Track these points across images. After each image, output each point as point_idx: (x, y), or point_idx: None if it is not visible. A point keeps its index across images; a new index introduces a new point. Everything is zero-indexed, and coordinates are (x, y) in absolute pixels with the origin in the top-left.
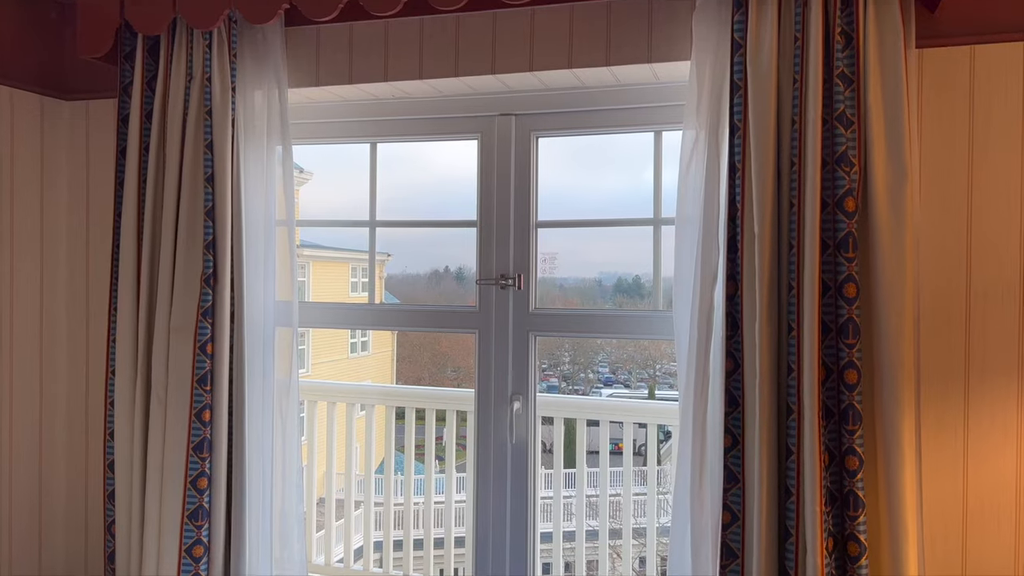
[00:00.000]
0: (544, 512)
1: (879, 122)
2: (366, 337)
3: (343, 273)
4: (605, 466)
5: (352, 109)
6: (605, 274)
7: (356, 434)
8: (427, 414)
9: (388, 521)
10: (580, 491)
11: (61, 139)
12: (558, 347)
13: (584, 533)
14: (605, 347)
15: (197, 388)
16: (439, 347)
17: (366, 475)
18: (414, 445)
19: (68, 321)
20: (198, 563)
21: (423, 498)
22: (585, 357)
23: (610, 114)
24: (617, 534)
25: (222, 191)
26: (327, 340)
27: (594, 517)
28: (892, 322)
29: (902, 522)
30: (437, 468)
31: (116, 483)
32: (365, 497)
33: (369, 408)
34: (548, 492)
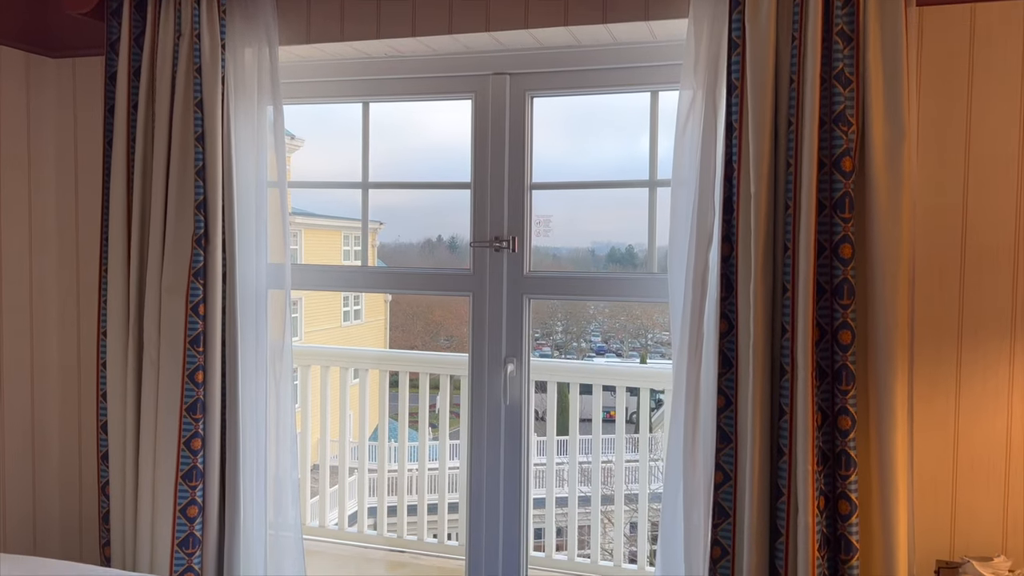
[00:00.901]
0: (538, 478)
1: (878, 81)
2: (359, 306)
3: (335, 241)
4: (598, 433)
5: (344, 68)
6: (598, 244)
7: (350, 401)
8: (421, 379)
9: (382, 487)
10: (572, 458)
11: (48, 97)
12: (550, 317)
13: (576, 499)
14: (597, 316)
15: (190, 349)
16: (432, 316)
17: (360, 442)
18: (407, 412)
19: (58, 282)
20: (192, 523)
21: (417, 465)
22: (578, 326)
23: (606, 74)
24: (609, 500)
25: (212, 150)
26: (319, 308)
27: (586, 483)
28: (887, 283)
29: (893, 482)
30: (431, 435)
31: (109, 444)
32: (359, 464)
33: (363, 373)
34: (541, 459)
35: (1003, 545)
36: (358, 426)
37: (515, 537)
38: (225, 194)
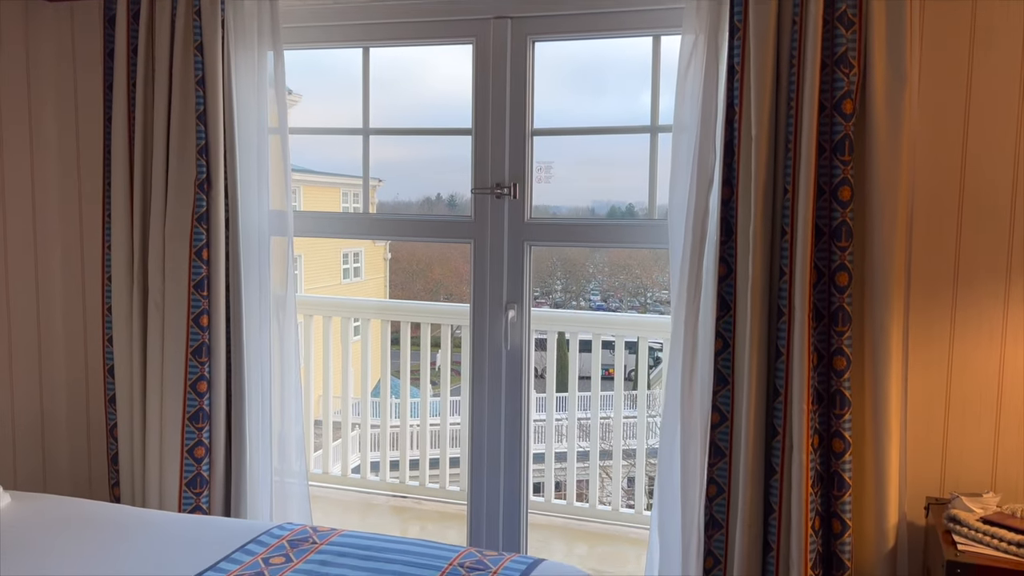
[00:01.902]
0: (537, 433)
1: (880, 24)
2: (359, 263)
3: (334, 197)
4: (596, 390)
5: (344, 12)
6: (598, 203)
7: (352, 358)
8: (422, 329)
9: (384, 442)
10: (572, 414)
11: (46, 42)
12: (550, 275)
13: (575, 454)
14: (597, 275)
15: (194, 293)
16: (431, 274)
17: (362, 398)
18: (409, 370)
19: (61, 229)
20: (200, 463)
21: (419, 420)
22: (577, 285)
23: (607, 17)
24: (608, 455)
25: (213, 95)
26: (320, 265)
27: (585, 439)
28: (885, 226)
29: (886, 420)
30: (432, 392)
31: (116, 387)
32: (361, 419)
33: (365, 323)
34: (541, 415)
35: (993, 483)
36: (359, 382)
37: (515, 479)
38: (227, 139)
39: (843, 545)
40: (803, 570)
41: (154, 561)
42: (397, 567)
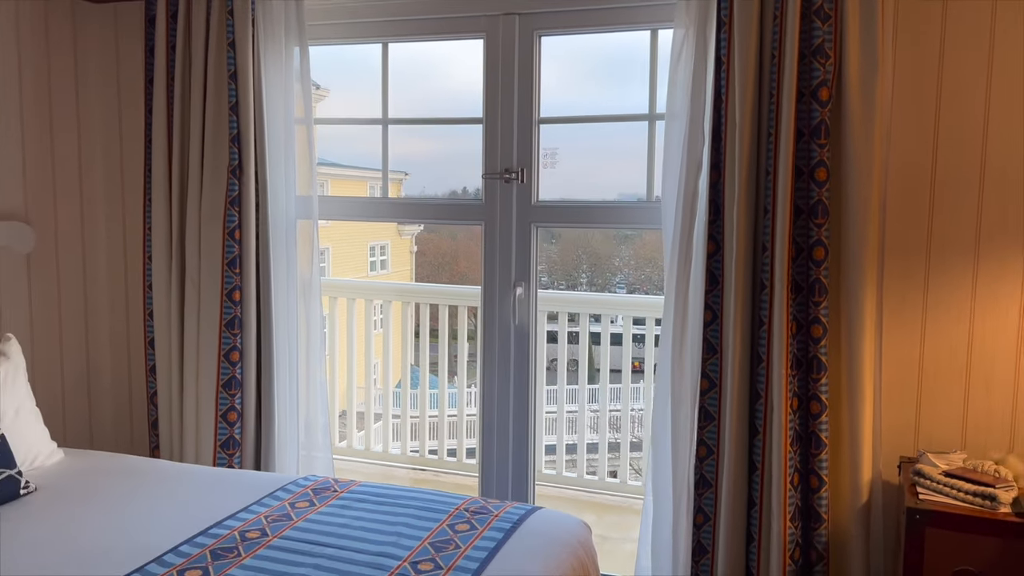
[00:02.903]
0: (549, 426)
1: (854, 17)
2: (385, 256)
3: (360, 190)
4: (605, 382)
5: (364, 10)
6: (606, 198)
7: (375, 348)
8: (440, 315)
9: (405, 429)
10: (581, 407)
11: (92, 41)
12: (575, 268)
13: (585, 445)
14: (623, 268)
15: (227, 271)
16: (457, 267)
17: (384, 389)
18: (428, 362)
19: (105, 211)
20: (232, 427)
21: (437, 411)
22: (603, 278)
23: (608, 12)
24: (615, 447)
25: (245, 88)
26: (346, 258)
27: (594, 431)
28: (860, 204)
29: (860, 384)
30: (450, 384)
31: (156, 358)
32: (383, 409)
33: (386, 304)
34: (552, 408)
35: (963, 443)
36: (383, 373)
37: (523, 440)
38: (257, 129)
39: (820, 499)
40: (783, 522)
41: (193, 504)
42: (409, 510)
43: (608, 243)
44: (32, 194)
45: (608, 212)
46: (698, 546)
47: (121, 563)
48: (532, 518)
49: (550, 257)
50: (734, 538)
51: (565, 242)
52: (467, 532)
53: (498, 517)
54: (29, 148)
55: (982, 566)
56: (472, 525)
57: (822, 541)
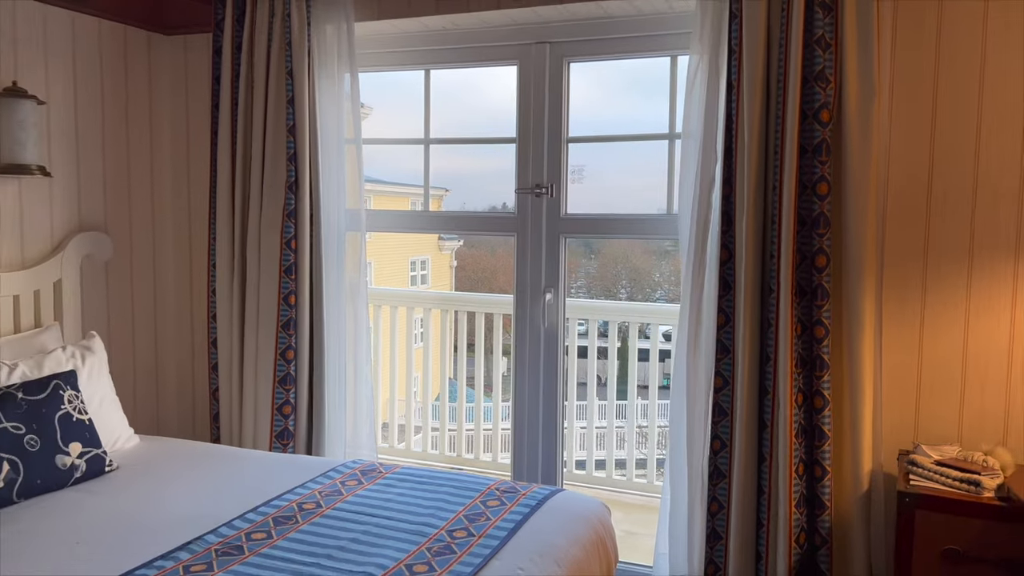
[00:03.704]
0: (579, 441)
1: (852, 45)
2: (425, 271)
3: (403, 206)
4: (633, 399)
5: (409, 40)
6: (626, 214)
7: (415, 362)
8: (477, 318)
9: (443, 444)
10: (610, 421)
11: (164, 68)
12: (614, 283)
13: (613, 461)
14: (663, 284)
15: (284, 277)
16: (495, 282)
17: (424, 402)
18: (465, 376)
19: (174, 224)
20: (287, 419)
21: (474, 425)
22: (643, 294)
23: (631, 41)
24: (643, 464)
25: (301, 112)
26: (388, 273)
27: (621, 447)
28: (858, 215)
29: (860, 381)
30: (486, 398)
31: (219, 357)
32: (423, 422)
33: (427, 312)
34: (582, 422)
35: (960, 438)
36: (423, 388)
37: (552, 431)
38: (311, 148)
39: (823, 488)
40: (789, 508)
41: (255, 481)
42: (446, 489)
43: (648, 258)
44: (111, 208)
45: (630, 224)
46: (712, 532)
47: (197, 527)
48: (556, 497)
49: (589, 272)
50: (745, 524)
51: (604, 257)
52: (497, 507)
53: (525, 496)
54: (108, 168)
55: (967, 545)
56: (502, 502)
57: (826, 526)
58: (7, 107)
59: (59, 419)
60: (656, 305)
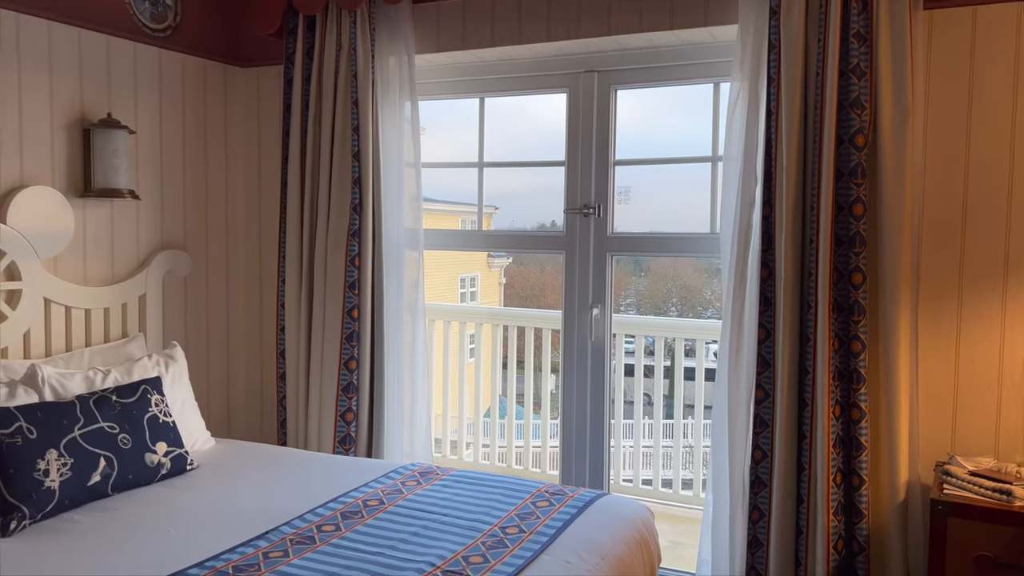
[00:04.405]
0: (626, 460)
1: (887, 72)
2: (475, 288)
3: (454, 224)
4: (679, 417)
5: (465, 70)
6: (670, 232)
7: (468, 376)
8: (527, 333)
9: (493, 458)
10: (656, 441)
11: (238, 98)
12: (664, 301)
13: (660, 481)
14: (715, 302)
15: (348, 292)
16: (544, 299)
17: (475, 418)
18: (516, 393)
19: (246, 243)
20: (349, 425)
21: (523, 441)
22: (693, 311)
23: (676, 69)
24: (688, 485)
25: (365, 138)
26: (439, 288)
27: (668, 467)
28: (893, 235)
29: (897, 394)
30: (535, 415)
31: (286, 367)
32: (475, 437)
33: (479, 327)
34: (628, 441)
35: (996, 451)
36: (473, 404)
37: (599, 440)
38: (374, 172)
39: (860, 497)
40: (827, 516)
41: (322, 481)
42: (498, 489)
43: (698, 276)
44: (190, 228)
45: (674, 242)
46: (753, 539)
47: (271, 519)
48: (602, 500)
49: (638, 290)
50: (785, 531)
51: (654, 275)
52: (546, 507)
53: (573, 498)
54: (188, 191)
55: (999, 552)
56: (551, 503)
57: (863, 534)
58: (102, 137)
59: (147, 420)
60: (701, 321)
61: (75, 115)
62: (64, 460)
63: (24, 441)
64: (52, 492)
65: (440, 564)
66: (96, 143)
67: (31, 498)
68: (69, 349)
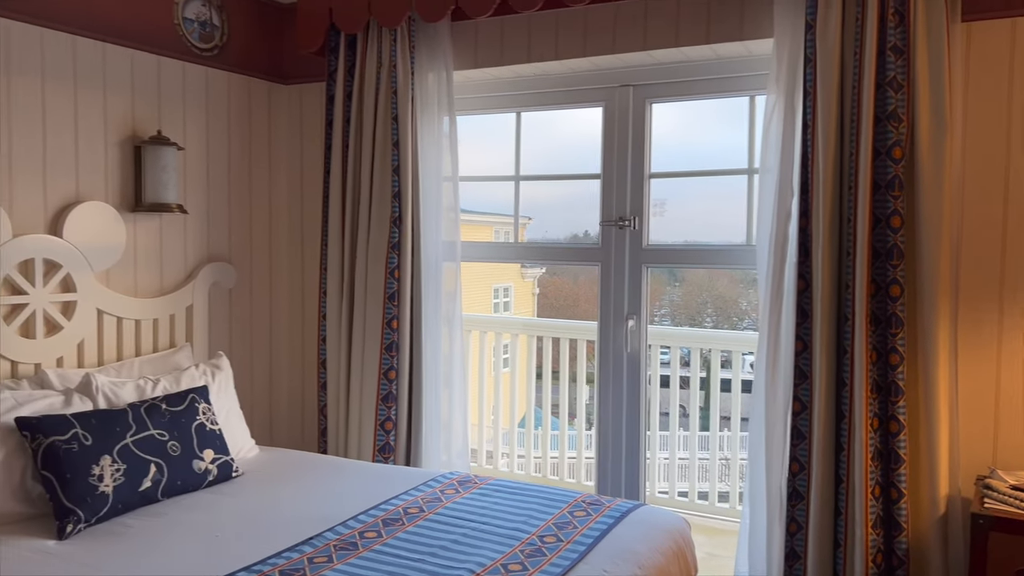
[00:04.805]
0: (662, 472)
1: (924, 85)
2: (508, 298)
3: (487, 235)
4: (716, 430)
5: (502, 85)
6: (706, 243)
7: (503, 387)
8: (561, 344)
9: (530, 463)
10: (692, 453)
11: (281, 114)
12: (699, 311)
13: (696, 494)
14: (751, 313)
15: (388, 303)
16: (578, 309)
17: (510, 428)
18: (550, 404)
19: (288, 255)
20: (388, 434)
21: (558, 453)
22: (729, 323)
23: (711, 82)
24: (725, 497)
25: (404, 153)
26: (473, 298)
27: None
28: (931, 247)
29: (936, 407)
30: (570, 427)
31: (327, 376)
32: (510, 447)
33: (513, 338)
34: (664, 454)
35: None
36: (508, 413)
37: (635, 452)
38: (413, 186)
39: (899, 510)
40: (865, 529)
41: (363, 488)
42: (536, 498)
43: (734, 286)
44: (235, 240)
45: (710, 254)
46: (791, 552)
47: (316, 525)
48: (638, 511)
49: (673, 300)
50: (823, 544)
51: (689, 285)
52: (583, 517)
53: (609, 508)
54: (233, 204)
55: None
56: (588, 512)
57: (902, 548)
58: (152, 154)
59: (195, 428)
60: (736, 333)
61: (127, 132)
62: (117, 466)
63: (80, 447)
64: (106, 497)
65: (480, 571)
66: (147, 159)
67: (86, 502)
68: (120, 358)
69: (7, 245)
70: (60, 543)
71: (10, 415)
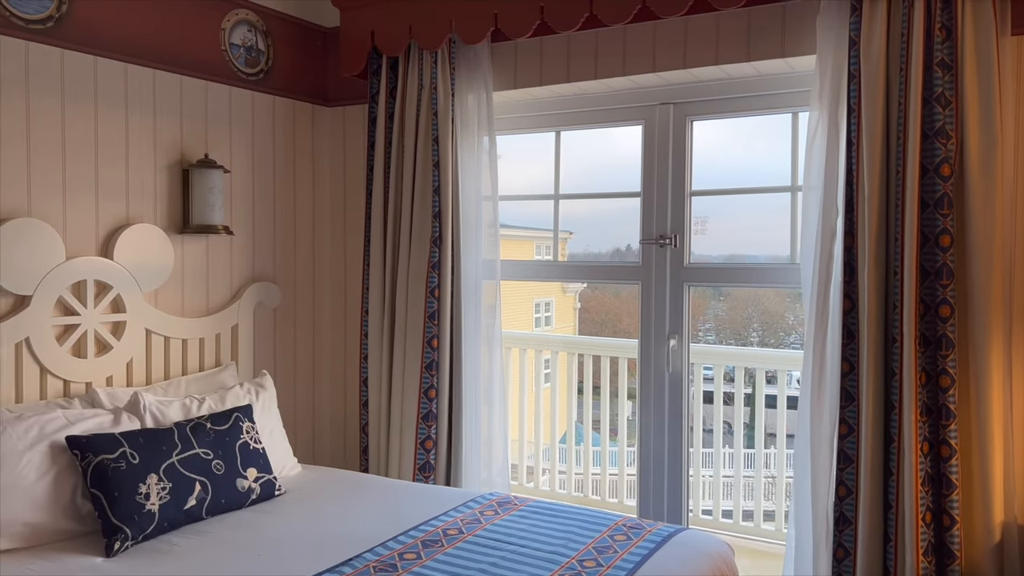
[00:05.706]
0: (706, 490)
1: (973, 101)
2: (549, 312)
3: (528, 250)
4: (760, 448)
5: (542, 105)
6: (750, 255)
7: (543, 402)
8: (602, 362)
9: (570, 485)
10: (737, 471)
11: (325, 136)
12: (744, 327)
13: (740, 512)
14: (798, 327)
15: (428, 322)
16: (620, 325)
17: (551, 443)
18: (591, 420)
19: (331, 274)
20: (428, 453)
21: (600, 469)
22: (775, 338)
23: (752, 99)
24: (771, 516)
25: (445, 174)
26: (514, 313)
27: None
28: (983, 267)
29: (989, 430)
30: (612, 443)
31: (369, 394)
32: (551, 464)
33: (554, 355)
34: (708, 470)
35: None
36: (549, 429)
37: (677, 473)
38: (453, 206)
39: (952, 537)
40: (916, 556)
41: (403, 508)
42: (576, 521)
43: (780, 300)
44: (279, 261)
45: (753, 272)
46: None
47: (356, 545)
48: (680, 535)
49: (718, 315)
50: (872, 572)
51: (734, 300)
52: (624, 541)
53: (650, 532)
54: (278, 225)
55: None
56: (628, 536)
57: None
58: (200, 176)
59: (239, 447)
60: (782, 352)
61: (175, 156)
62: (163, 484)
63: (127, 466)
64: (152, 515)
65: None
66: (194, 182)
67: (133, 520)
68: (167, 377)
69: (60, 268)
70: (107, 560)
71: (61, 434)
